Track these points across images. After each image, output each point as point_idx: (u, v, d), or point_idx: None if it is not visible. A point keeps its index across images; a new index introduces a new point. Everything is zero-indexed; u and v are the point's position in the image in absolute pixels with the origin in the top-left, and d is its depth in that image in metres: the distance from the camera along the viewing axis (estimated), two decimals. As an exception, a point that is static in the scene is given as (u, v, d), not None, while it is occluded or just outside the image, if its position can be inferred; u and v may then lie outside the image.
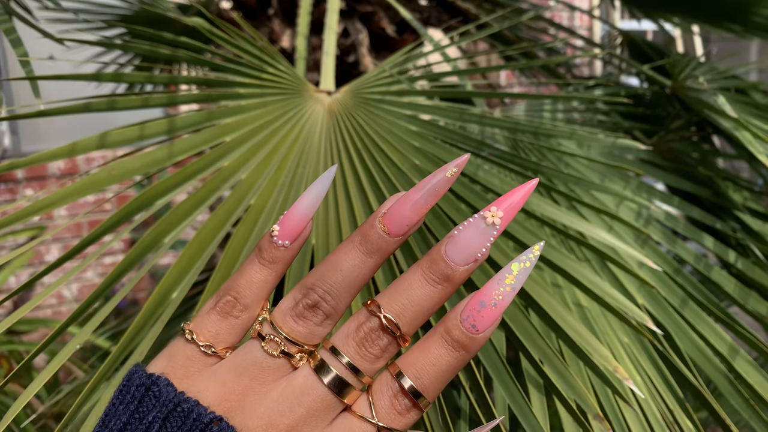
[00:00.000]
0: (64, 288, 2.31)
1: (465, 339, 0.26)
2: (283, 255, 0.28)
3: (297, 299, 0.27)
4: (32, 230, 2.07)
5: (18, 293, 0.40)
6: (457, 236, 0.26)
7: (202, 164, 0.51)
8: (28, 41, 0.63)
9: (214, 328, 0.28)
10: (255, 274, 0.28)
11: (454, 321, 0.26)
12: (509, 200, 0.26)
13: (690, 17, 1.10)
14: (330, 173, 0.28)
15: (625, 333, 0.54)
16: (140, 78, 0.50)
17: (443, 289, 0.26)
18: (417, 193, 0.27)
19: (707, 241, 0.63)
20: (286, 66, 0.60)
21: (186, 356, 0.27)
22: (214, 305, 0.28)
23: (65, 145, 0.41)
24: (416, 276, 0.27)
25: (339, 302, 0.27)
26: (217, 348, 0.28)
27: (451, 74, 0.67)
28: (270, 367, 0.27)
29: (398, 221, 0.27)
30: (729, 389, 0.51)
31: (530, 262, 0.26)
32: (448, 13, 1.06)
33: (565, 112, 0.82)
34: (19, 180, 2.23)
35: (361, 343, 0.27)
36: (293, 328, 0.27)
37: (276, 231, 0.28)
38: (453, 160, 0.27)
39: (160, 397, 0.26)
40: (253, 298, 0.28)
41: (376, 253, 0.27)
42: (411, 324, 0.27)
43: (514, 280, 0.26)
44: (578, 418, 0.40)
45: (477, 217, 0.26)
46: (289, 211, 0.29)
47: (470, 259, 0.26)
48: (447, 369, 0.26)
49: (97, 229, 0.45)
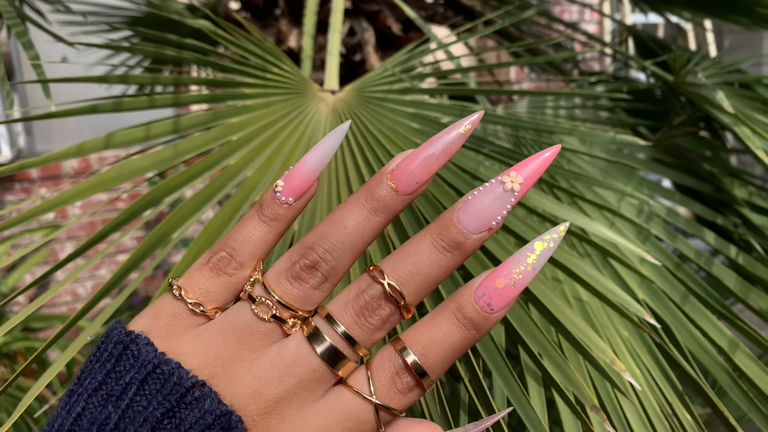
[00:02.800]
0: (78, 285, 2.35)
1: (478, 318, 0.24)
2: (285, 213, 0.26)
3: (293, 260, 0.25)
4: (47, 229, 2.10)
5: (31, 288, 0.41)
6: (472, 201, 0.24)
7: (209, 162, 0.52)
8: (42, 44, 0.65)
9: (205, 285, 0.26)
10: (254, 230, 0.26)
11: (468, 297, 0.24)
12: (531, 165, 0.24)
13: (697, 10, 1.10)
14: (342, 128, 0.26)
15: (625, 327, 0.54)
16: (146, 79, 0.52)
17: (453, 258, 0.25)
18: (428, 149, 0.25)
19: (708, 237, 0.63)
20: (291, 66, 0.61)
21: (172, 313, 0.26)
22: (207, 261, 0.26)
23: (73, 145, 0.43)
24: (425, 242, 0.25)
25: (339, 263, 0.25)
26: (206, 307, 0.26)
27: (454, 72, 0.67)
28: (260, 332, 0.25)
29: (408, 177, 0.25)
30: (728, 382, 0.52)
31: (554, 242, 0.24)
32: (454, 11, 1.07)
33: (568, 109, 0.82)
34: (33, 179, 2.27)
35: (361, 311, 0.25)
36: (287, 291, 0.25)
37: (280, 187, 0.26)
38: (467, 116, 0.25)
39: (139, 356, 0.24)
40: (249, 256, 0.26)
41: (382, 211, 0.25)
42: (416, 293, 0.25)
43: (536, 259, 0.24)
44: (575, 409, 0.41)
45: (494, 182, 0.24)
46: (295, 167, 0.26)
47: (484, 226, 0.24)
48: (455, 348, 0.24)
49: (107, 225, 0.46)
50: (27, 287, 0.41)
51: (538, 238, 0.24)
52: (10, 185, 2.24)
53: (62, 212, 2.26)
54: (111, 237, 0.47)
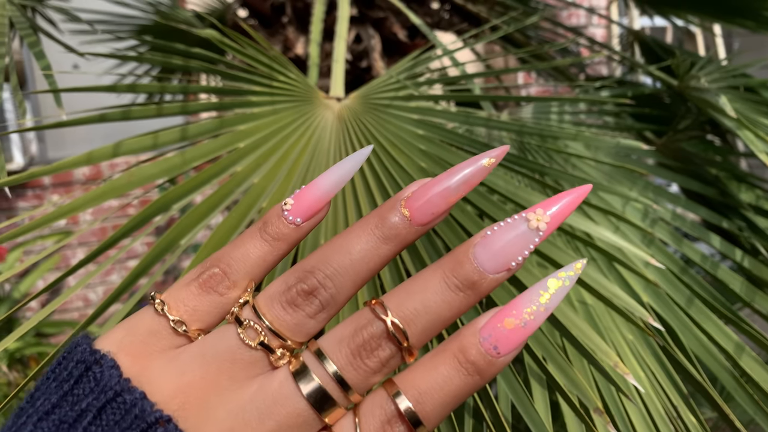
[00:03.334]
0: (90, 291, 2.37)
1: (482, 362, 0.21)
2: (290, 233, 0.24)
3: (290, 283, 0.23)
4: (59, 235, 2.12)
5: (43, 293, 0.42)
6: (491, 237, 0.22)
7: (217, 169, 0.53)
8: (54, 53, 0.66)
9: (192, 302, 0.23)
10: (254, 248, 0.24)
11: (472, 339, 0.21)
12: (559, 203, 0.22)
13: (703, 14, 1.10)
14: (364, 152, 0.25)
15: (630, 331, 0.54)
16: (154, 88, 0.53)
17: (465, 298, 0.22)
18: (449, 180, 0.23)
19: (714, 241, 0.63)
20: (297, 74, 0.62)
21: (150, 330, 0.23)
22: (197, 276, 0.24)
23: (82, 154, 0.44)
24: (435, 277, 0.22)
25: (340, 292, 0.23)
26: (189, 327, 0.23)
27: (459, 78, 0.68)
28: (243, 360, 0.22)
29: (424, 207, 0.23)
30: (734, 385, 0.52)
31: (570, 280, 0.22)
32: (460, 17, 1.08)
33: (573, 114, 0.82)
34: (46, 186, 2.29)
35: (358, 351, 0.22)
36: (279, 317, 0.23)
37: (289, 205, 0.24)
38: (493, 149, 0.23)
39: (101, 380, 0.21)
40: (244, 276, 0.24)
41: (393, 240, 0.23)
42: (421, 335, 0.22)
43: (549, 298, 0.21)
44: (579, 413, 0.41)
45: (518, 218, 0.22)
46: (308, 186, 0.24)
47: (503, 266, 0.22)
48: (455, 395, 0.22)
49: (118, 231, 0.47)
50: (39, 293, 0.42)
51: (553, 275, 0.22)
52: (22, 192, 2.27)
53: (74, 218, 2.29)
54: (122, 243, 0.47)
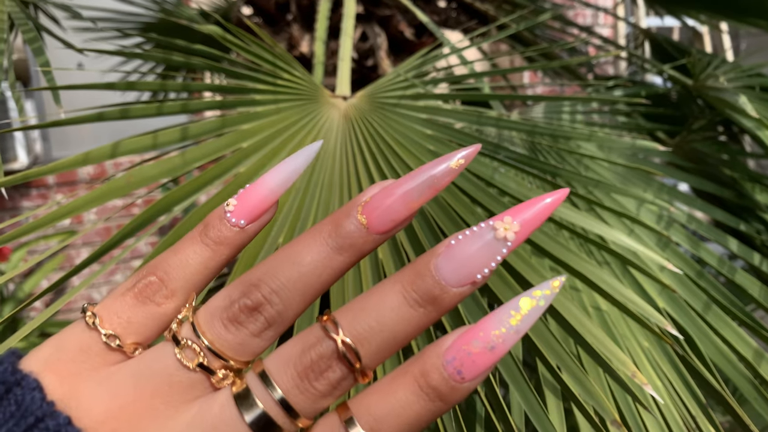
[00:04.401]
0: (94, 291, 2.36)
1: (445, 387, 0.19)
2: (233, 238, 0.22)
3: (233, 298, 0.21)
4: (63, 234, 2.12)
5: (47, 293, 0.40)
6: (455, 247, 0.20)
7: (220, 170, 0.51)
8: (58, 51, 0.65)
9: (126, 313, 0.21)
10: (193, 254, 0.22)
11: (434, 361, 0.19)
12: (529, 210, 0.20)
13: (714, 13, 1.08)
14: (314, 148, 0.23)
15: (646, 337, 0.53)
16: (154, 86, 0.51)
17: (425, 314, 0.20)
18: (410, 182, 0.21)
19: (731, 244, 0.61)
20: (302, 72, 0.60)
21: (80, 346, 0.21)
22: (132, 286, 0.22)
23: (79, 154, 0.42)
24: (393, 292, 0.20)
25: (288, 308, 0.21)
26: (124, 341, 0.21)
27: (467, 77, 0.66)
28: (181, 383, 0.20)
29: (383, 213, 0.21)
30: (754, 394, 0.50)
31: (545, 300, 0.19)
32: (467, 15, 1.06)
33: (585, 114, 0.81)
34: (50, 185, 2.29)
35: (305, 373, 0.20)
36: (220, 336, 0.20)
37: (232, 206, 0.23)
38: (462, 148, 0.21)
39: (22, 404, 0.19)
40: (183, 284, 0.22)
41: (348, 250, 0.21)
42: (376, 355, 0.20)
43: (521, 320, 0.19)
44: (596, 424, 0.40)
45: (484, 227, 0.20)
46: (253, 184, 0.23)
47: (467, 279, 0.20)
48: (414, 422, 0.20)
49: (121, 231, 0.46)
50: (43, 293, 0.41)
51: (527, 294, 0.20)
52: (27, 191, 2.27)
53: (78, 218, 2.28)
54: (126, 243, 0.46)
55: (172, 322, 0.22)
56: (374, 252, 0.49)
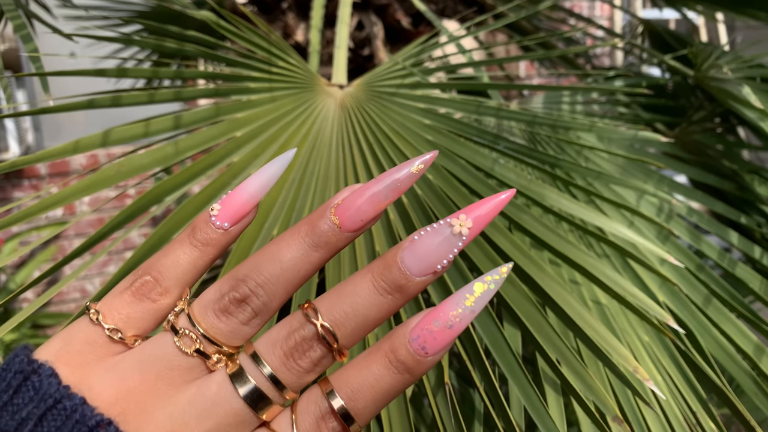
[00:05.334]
0: (87, 282, 2.34)
1: (411, 361, 0.23)
2: (218, 239, 0.25)
3: (223, 291, 0.24)
4: (55, 225, 2.10)
5: (38, 284, 0.39)
6: (417, 242, 0.23)
7: (212, 159, 0.50)
8: (50, 38, 0.64)
9: (125, 310, 0.24)
10: (183, 255, 0.25)
11: (401, 339, 0.23)
12: (481, 208, 0.23)
13: (713, 4, 1.07)
14: (288, 156, 0.26)
15: (646, 331, 0.52)
16: (146, 73, 0.50)
17: (393, 300, 0.23)
18: (376, 186, 0.24)
19: (732, 237, 0.61)
20: (297, 60, 0.59)
21: (86, 340, 0.24)
22: (130, 284, 0.25)
23: (69, 143, 0.41)
24: (364, 281, 0.23)
25: (272, 299, 0.24)
26: (125, 334, 0.24)
27: (466, 66, 0.65)
28: (181, 367, 0.23)
29: (353, 215, 0.24)
30: (753, 388, 0.50)
31: (495, 284, 0.23)
32: (465, 4, 1.05)
33: (584, 104, 0.80)
34: (42, 176, 2.26)
35: (290, 353, 0.23)
36: (213, 325, 0.23)
37: (216, 210, 0.25)
38: (420, 155, 0.25)
39: (40, 389, 0.22)
40: (175, 282, 0.25)
41: (323, 247, 0.24)
42: (351, 336, 0.23)
43: (474, 301, 0.23)
44: (596, 419, 0.39)
45: (442, 224, 0.23)
46: (234, 190, 0.26)
47: (428, 270, 0.23)
48: (386, 392, 0.23)
49: (111, 221, 0.45)
50: (34, 282, 0.40)
51: (479, 279, 0.23)
52: (18, 182, 2.24)
53: (70, 209, 2.26)
54: (117, 233, 0.45)
55: (167, 315, 0.25)
56: (371, 242, 0.48)
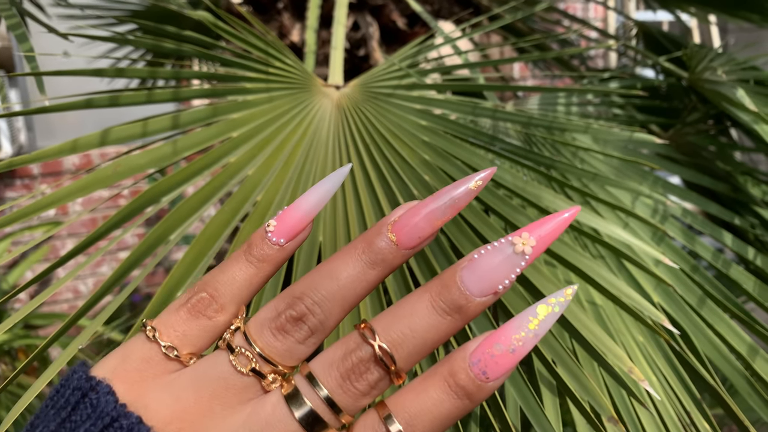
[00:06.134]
0: (80, 283, 2.33)
1: (472, 386, 0.22)
2: (275, 255, 0.25)
3: (279, 309, 0.24)
4: (48, 225, 2.09)
5: (32, 285, 0.39)
6: (478, 261, 0.22)
7: (209, 160, 0.50)
8: (45, 38, 0.63)
9: (181, 327, 0.24)
10: (239, 271, 0.25)
11: (461, 363, 0.22)
12: (545, 226, 0.23)
13: (707, 6, 1.07)
14: (343, 171, 0.26)
15: (641, 332, 0.52)
16: (143, 73, 0.50)
17: (452, 322, 0.22)
18: (434, 203, 0.24)
19: (726, 238, 0.61)
20: (294, 60, 0.59)
21: (143, 357, 0.24)
22: (186, 301, 0.25)
23: (67, 142, 0.41)
24: (422, 301, 0.23)
25: (329, 317, 0.23)
26: (181, 351, 0.24)
27: (462, 67, 0.65)
28: (236, 386, 0.23)
29: (410, 231, 0.23)
30: (747, 389, 0.50)
31: (560, 306, 0.22)
32: (460, 5, 1.05)
33: (579, 106, 0.80)
34: (34, 175, 2.25)
35: (347, 375, 0.22)
36: (269, 343, 0.23)
37: (272, 226, 0.25)
38: (479, 171, 0.24)
39: (97, 406, 0.22)
40: (231, 299, 0.25)
41: (380, 264, 0.24)
42: (408, 358, 0.23)
43: (538, 325, 0.22)
44: (592, 420, 0.39)
45: (504, 242, 0.22)
46: (290, 207, 0.25)
47: (490, 290, 0.22)
48: (445, 418, 0.22)
49: (107, 222, 0.45)
50: (27, 284, 0.40)
51: (543, 301, 0.22)
52: (11, 182, 2.23)
53: (63, 209, 2.25)
54: (112, 234, 0.45)
55: (223, 333, 0.24)
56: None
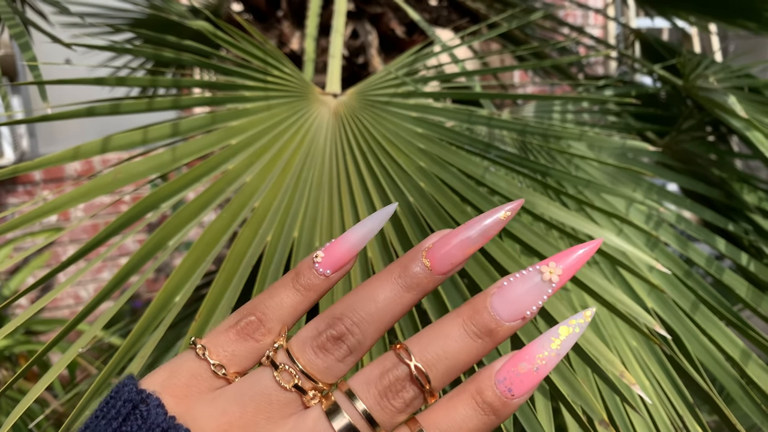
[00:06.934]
0: (81, 289, 2.34)
1: (498, 403, 0.23)
2: (320, 284, 0.27)
3: (320, 329, 0.25)
4: (49, 231, 2.10)
5: (33, 290, 0.40)
6: (507, 288, 0.24)
7: (208, 167, 0.51)
8: (46, 46, 0.64)
9: (230, 347, 0.26)
10: (287, 297, 0.26)
11: (488, 381, 0.23)
12: (571, 257, 0.24)
13: (705, 14, 1.08)
14: (388, 210, 0.27)
15: (634, 337, 0.53)
16: (145, 82, 0.50)
17: (483, 344, 0.24)
18: (467, 232, 0.25)
19: (720, 244, 0.62)
20: (292, 68, 0.60)
21: (192, 373, 0.25)
22: (235, 323, 0.26)
23: (69, 149, 0.42)
24: (455, 325, 0.24)
25: (366, 337, 0.25)
26: (228, 370, 0.25)
27: (459, 75, 0.66)
28: (279, 401, 0.24)
29: (443, 257, 0.25)
30: (740, 394, 0.50)
31: (580, 327, 0.24)
32: (458, 13, 1.06)
33: (575, 113, 0.81)
34: (36, 182, 2.26)
35: (384, 392, 0.24)
36: (311, 361, 0.25)
37: (320, 258, 0.27)
38: (508, 203, 0.26)
39: (148, 418, 0.23)
40: (278, 323, 0.26)
41: (415, 288, 0.25)
42: (442, 378, 0.24)
43: (560, 345, 0.23)
44: (584, 424, 0.40)
45: (532, 270, 0.24)
46: (338, 240, 0.27)
47: (518, 315, 0.24)
48: None
49: (107, 228, 0.45)
50: (28, 289, 0.40)
51: (564, 323, 0.24)
52: (13, 188, 2.24)
53: (65, 215, 2.26)
54: (112, 240, 0.46)
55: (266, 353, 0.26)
56: (363, 251, 0.49)
